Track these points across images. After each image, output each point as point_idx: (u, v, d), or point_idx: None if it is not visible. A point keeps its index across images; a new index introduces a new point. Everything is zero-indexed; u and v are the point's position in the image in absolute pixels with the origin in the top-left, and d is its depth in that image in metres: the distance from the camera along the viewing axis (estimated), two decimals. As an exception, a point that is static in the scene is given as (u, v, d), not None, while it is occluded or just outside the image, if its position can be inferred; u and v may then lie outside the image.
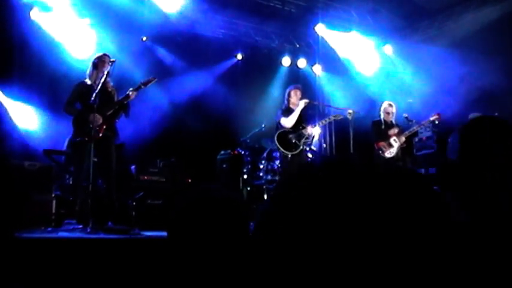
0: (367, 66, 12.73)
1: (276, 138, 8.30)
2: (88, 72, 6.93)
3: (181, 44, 11.18)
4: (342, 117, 8.85)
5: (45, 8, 9.58)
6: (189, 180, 9.53)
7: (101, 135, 6.54)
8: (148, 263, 4.53)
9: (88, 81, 6.86)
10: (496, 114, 9.73)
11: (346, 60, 12.72)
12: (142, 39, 10.84)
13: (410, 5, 11.26)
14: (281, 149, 8.23)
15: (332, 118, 8.81)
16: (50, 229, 6.21)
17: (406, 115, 9.23)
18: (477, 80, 10.26)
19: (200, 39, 11.22)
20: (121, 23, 10.11)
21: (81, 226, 6.24)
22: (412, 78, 12.08)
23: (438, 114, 9.04)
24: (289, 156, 8.20)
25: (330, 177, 1.54)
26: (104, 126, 6.61)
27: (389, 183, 1.16)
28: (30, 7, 9.41)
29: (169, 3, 10.46)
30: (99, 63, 6.88)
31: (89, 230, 5.95)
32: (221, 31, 11.90)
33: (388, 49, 12.61)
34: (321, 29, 11.99)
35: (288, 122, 8.34)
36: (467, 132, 1.88)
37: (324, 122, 8.86)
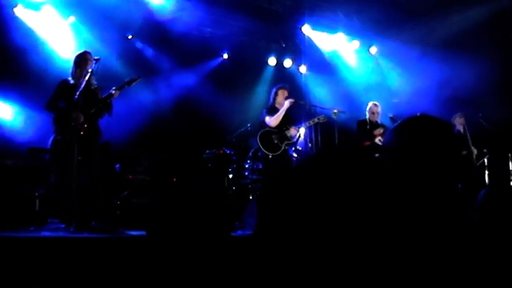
0: (353, 66, 12.79)
1: (258, 137, 8.29)
2: (70, 70, 6.87)
3: (167, 42, 11.12)
4: (325, 119, 8.85)
5: (32, 6, 9.50)
6: (175, 179, 9.50)
7: (82, 133, 6.47)
8: (132, 263, 4.51)
9: (71, 80, 6.81)
10: (480, 115, 9.85)
11: (332, 60, 12.75)
12: (127, 37, 10.79)
13: (396, 6, 11.30)
14: (262, 148, 8.22)
15: (316, 120, 8.80)
16: (32, 228, 6.17)
17: (391, 115, 9.27)
18: (462, 80, 10.34)
19: (186, 37, 11.16)
20: (106, 21, 10.03)
21: (64, 225, 6.21)
22: (397, 79, 12.16)
23: (422, 114, 9.09)
24: (270, 156, 8.20)
25: (316, 173, 1.55)
26: (86, 125, 6.55)
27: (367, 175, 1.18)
28: (14, 4, 9.33)
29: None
30: (81, 61, 6.82)
31: (72, 230, 5.92)
32: (208, 30, 11.86)
33: (374, 50, 12.68)
34: (307, 29, 12.02)
35: (273, 121, 8.34)
36: (401, 128, 1.95)
37: (308, 124, 8.86)
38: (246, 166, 9.48)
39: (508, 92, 10.55)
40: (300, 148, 9.47)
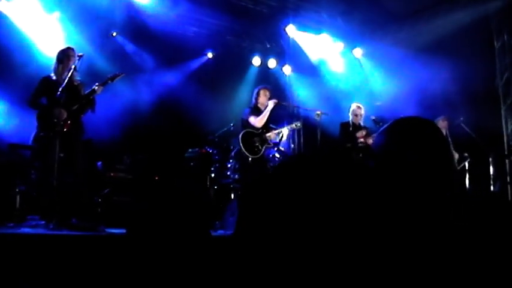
0: (337, 68, 12.83)
1: (240, 137, 8.30)
2: (53, 66, 6.83)
3: (151, 40, 11.07)
4: (300, 126, 8.95)
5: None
6: (156, 178, 9.48)
7: (65, 130, 6.44)
8: (111, 261, 4.49)
9: (53, 76, 6.77)
10: (461, 119, 9.93)
11: (316, 61, 12.79)
12: (112, 34, 10.74)
13: (381, 9, 11.35)
14: (244, 150, 8.23)
15: (293, 127, 8.87)
16: (12, 224, 6.12)
17: (374, 117, 9.32)
18: (445, 84, 10.43)
19: (171, 36, 11.11)
20: (91, 17, 9.97)
21: (44, 222, 6.17)
22: (380, 81, 12.22)
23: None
24: (250, 159, 8.22)
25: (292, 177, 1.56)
26: (69, 121, 6.51)
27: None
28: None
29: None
30: (63, 57, 6.78)
31: (51, 226, 5.89)
32: (192, 29, 11.85)
33: (358, 52, 12.73)
34: (291, 30, 12.03)
35: (257, 121, 8.36)
36: (391, 130, 1.96)
37: (287, 128, 8.85)
38: (228, 166, 9.48)
39: (490, 96, 10.66)
40: (283, 149, 9.49)
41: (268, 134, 8.44)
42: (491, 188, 10.10)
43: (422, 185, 1.81)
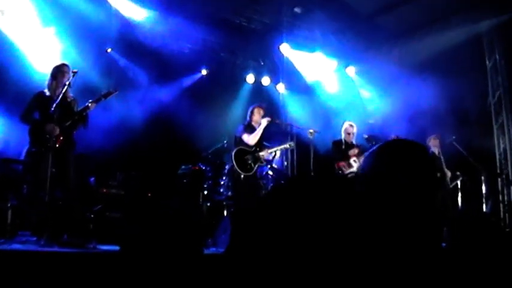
0: (330, 86, 12.89)
1: (233, 155, 8.32)
2: (47, 82, 6.81)
3: (145, 56, 11.10)
4: (293, 147, 9.04)
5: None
6: (149, 194, 9.45)
7: (58, 145, 6.43)
8: (102, 279, 4.47)
9: (47, 92, 6.75)
10: (454, 137, 9.97)
11: (309, 79, 12.85)
12: (106, 50, 10.76)
13: (374, 27, 11.44)
14: (236, 167, 8.25)
15: (287, 146, 8.96)
16: (2, 240, 6.08)
17: (367, 136, 9.35)
18: (437, 102, 10.48)
19: (165, 52, 11.16)
20: (86, 33, 9.99)
21: (35, 238, 6.13)
22: (373, 100, 12.27)
23: (397, 136, 9.19)
24: (242, 176, 8.23)
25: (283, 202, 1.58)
26: (61, 137, 6.50)
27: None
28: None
29: (135, 13, 10.45)
30: (58, 73, 6.77)
31: (42, 243, 5.85)
32: (187, 45, 11.90)
33: (351, 70, 12.81)
34: (285, 48, 12.10)
35: (251, 139, 8.39)
36: (380, 153, 1.98)
37: (279, 148, 8.89)
38: (221, 182, 9.48)
39: (482, 115, 10.72)
40: (276, 166, 9.50)
41: (261, 153, 8.47)
42: (484, 206, 10.12)
43: (412, 207, 1.82)
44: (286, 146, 8.94)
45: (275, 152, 8.68)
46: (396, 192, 1.82)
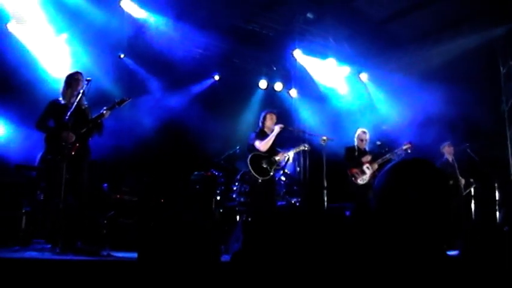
0: (343, 92, 12.86)
1: (249, 160, 8.32)
2: (61, 90, 6.83)
3: (158, 62, 11.12)
4: (309, 148, 9.02)
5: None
6: (162, 200, 9.48)
7: (73, 153, 6.45)
8: (118, 286, 4.48)
9: (62, 100, 6.77)
10: (467, 144, 9.92)
11: (322, 85, 12.83)
12: (119, 56, 10.81)
13: (386, 33, 11.43)
14: (253, 172, 8.25)
15: (302, 148, 8.95)
16: (17, 248, 6.11)
17: (380, 142, 9.35)
18: (450, 109, 10.43)
19: (178, 58, 11.18)
20: (98, 40, 10.03)
21: (50, 246, 6.15)
22: (386, 106, 12.23)
23: (410, 143, 9.18)
24: (260, 180, 8.23)
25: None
26: (77, 144, 6.53)
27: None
28: (7, 19, 9.33)
29: (148, 19, 10.49)
30: (72, 81, 6.80)
31: (58, 251, 5.87)
32: (199, 51, 11.92)
33: (364, 76, 12.79)
34: (298, 54, 12.10)
35: (263, 145, 8.39)
36: (392, 171, 2.01)
37: (295, 150, 8.89)
38: (234, 188, 9.48)
39: (496, 122, 10.64)
40: (289, 172, 9.49)
41: (277, 157, 8.47)
42: (497, 213, 10.06)
43: (422, 223, 1.84)
44: (301, 148, 8.94)
45: (288, 156, 8.66)
46: (407, 206, 1.84)
